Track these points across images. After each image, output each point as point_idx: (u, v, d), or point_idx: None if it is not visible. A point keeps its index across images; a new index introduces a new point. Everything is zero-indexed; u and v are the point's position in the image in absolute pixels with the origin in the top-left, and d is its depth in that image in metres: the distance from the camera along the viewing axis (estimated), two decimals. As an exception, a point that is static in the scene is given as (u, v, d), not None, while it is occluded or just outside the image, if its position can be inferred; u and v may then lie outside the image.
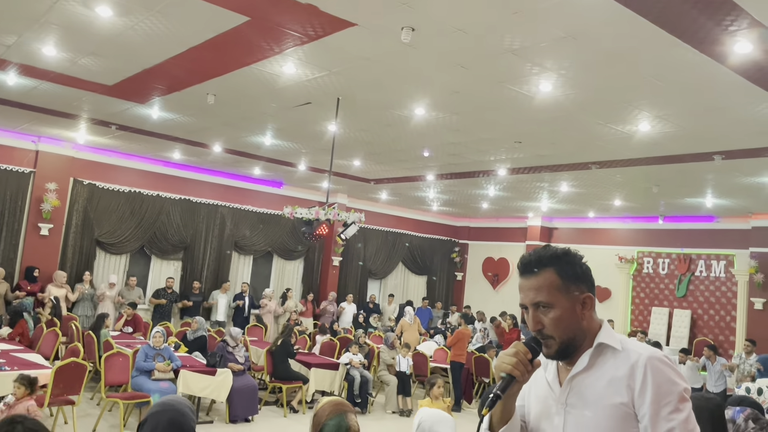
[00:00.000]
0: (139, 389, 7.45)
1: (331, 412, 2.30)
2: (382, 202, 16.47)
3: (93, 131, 10.68)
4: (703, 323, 13.32)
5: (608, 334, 1.84)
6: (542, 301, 1.84)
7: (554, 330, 1.83)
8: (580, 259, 1.90)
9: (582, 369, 1.82)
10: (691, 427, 1.70)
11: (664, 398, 1.70)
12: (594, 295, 1.88)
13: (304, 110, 7.94)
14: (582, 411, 1.80)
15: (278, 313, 13.61)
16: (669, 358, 1.79)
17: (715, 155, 8.07)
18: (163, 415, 2.18)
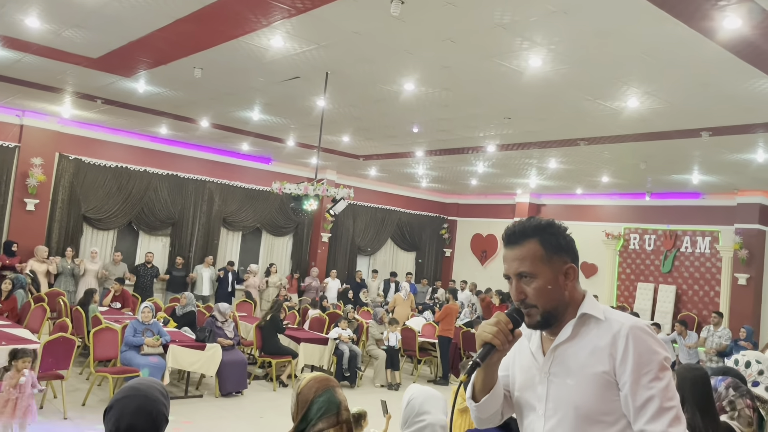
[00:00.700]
0: (129, 364, 7.48)
1: (319, 389, 2.25)
2: (371, 179, 16.45)
3: (78, 105, 10.54)
4: (687, 298, 13.51)
5: (591, 304, 1.87)
6: (525, 271, 1.86)
7: (537, 300, 1.85)
8: (564, 230, 1.91)
9: (565, 339, 1.85)
10: (670, 395, 1.73)
11: (645, 367, 1.73)
12: (577, 266, 1.90)
13: (292, 85, 7.87)
14: (564, 380, 1.83)
15: (262, 288, 13.61)
16: (651, 328, 1.83)
17: (703, 132, 8.12)
18: (130, 401, 1.98)
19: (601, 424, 1.76)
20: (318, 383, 2.27)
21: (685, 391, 3.14)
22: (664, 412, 1.69)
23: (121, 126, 12.21)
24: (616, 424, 1.76)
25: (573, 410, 1.79)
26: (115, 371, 7.37)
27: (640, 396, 1.72)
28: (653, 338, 1.78)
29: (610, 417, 1.76)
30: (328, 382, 2.30)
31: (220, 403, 7.99)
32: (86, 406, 7.14)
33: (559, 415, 1.82)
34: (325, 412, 2.18)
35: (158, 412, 2.01)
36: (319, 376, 2.32)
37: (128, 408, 1.96)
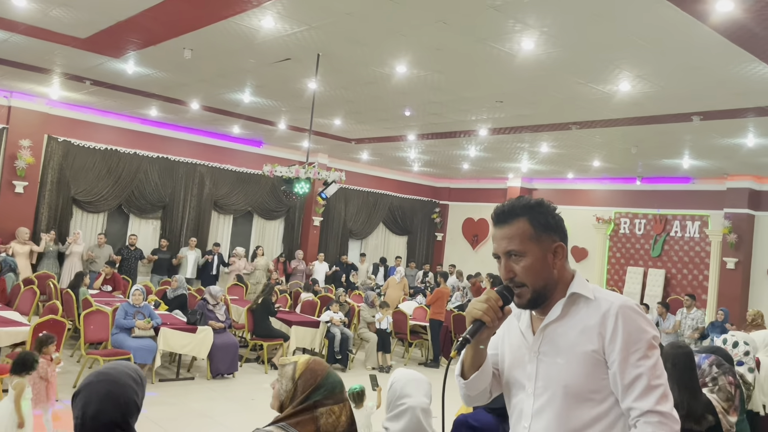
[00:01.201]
0: (120, 346, 7.47)
1: (323, 370, 2.27)
2: (363, 163, 16.41)
3: (67, 86, 10.42)
4: (676, 282, 13.63)
5: (581, 284, 1.88)
6: (514, 250, 1.86)
7: (526, 278, 1.86)
8: (553, 209, 1.92)
9: (555, 318, 1.86)
10: (658, 372, 1.75)
11: (634, 345, 1.74)
12: (566, 246, 1.91)
13: (283, 67, 7.81)
14: (554, 359, 1.84)
15: (248, 271, 13.58)
16: (640, 307, 1.84)
17: (694, 116, 8.14)
18: (98, 386, 1.92)
19: (590, 402, 1.78)
20: (321, 366, 2.29)
21: (666, 366, 3.21)
22: (652, 389, 1.71)
23: (111, 108, 12.09)
24: (605, 401, 1.78)
25: (562, 389, 1.81)
26: (106, 354, 7.36)
27: (629, 374, 1.73)
28: (642, 317, 1.79)
29: (598, 395, 1.78)
30: (326, 365, 2.33)
31: (212, 385, 8.01)
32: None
33: (548, 393, 1.83)
34: (331, 391, 2.21)
35: (128, 398, 1.94)
36: (315, 359, 2.33)
37: (96, 394, 1.90)
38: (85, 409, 1.88)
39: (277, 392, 2.26)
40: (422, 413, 2.62)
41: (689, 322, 10.65)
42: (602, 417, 1.78)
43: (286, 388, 2.24)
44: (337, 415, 2.19)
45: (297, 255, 14.85)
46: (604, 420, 1.78)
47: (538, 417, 1.85)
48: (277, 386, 2.27)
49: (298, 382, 2.22)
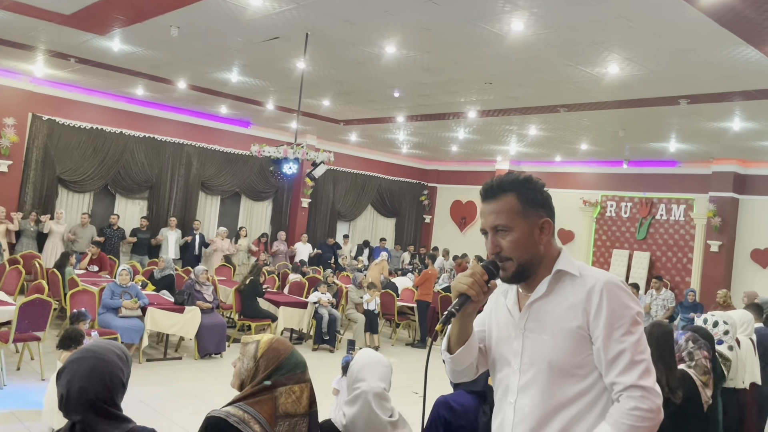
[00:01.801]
0: (107, 326, 7.45)
1: (286, 349, 2.26)
2: (351, 144, 16.36)
3: (51, 64, 10.27)
4: (661, 265, 13.78)
5: (567, 260, 1.90)
6: (501, 224, 1.89)
7: (512, 252, 1.88)
8: (541, 186, 1.94)
9: (541, 295, 1.88)
10: (641, 348, 1.78)
11: (617, 321, 1.77)
12: (553, 222, 1.92)
13: (271, 46, 7.74)
14: (540, 335, 1.86)
15: (231, 251, 13.53)
16: (624, 283, 1.86)
17: (681, 99, 8.18)
18: (82, 362, 1.89)
19: (575, 378, 1.82)
20: (284, 345, 2.27)
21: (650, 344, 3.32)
22: (635, 364, 1.75)
23: (96, 86, 11.94)
24: (589, 377, 1.81)
25: (547, 364, 1.83)
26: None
27: (612, 349, 1.76)
28: (627, 293, 1.82)
29: (582, 370, 1.81)
30: (290, 345, 2.32)
31: (199, 365, 8.03)
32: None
33: (533, 369, 1.86)
34: (292, 371, 2.20)
35: (113, 375, 1.91)
36: (279, 338, 2.31)
37: (80, 370, 1.87)
38: (69, 385, 1.86)
39: (238, 371, 2.23)
40: (374, 398, 2.56)
41: (659, 302, 10.83)
42: (586, 392, 1.81)
43: (247, 367, 2.21)
44: (298, 395, 2.18)
45: (279, 236, 14.81)
46: (588, 395, 1.81)
47: (523, 392, 1.88)
48: (239, 365, 2.23)
49: (260, 361, 2.20)
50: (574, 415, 1.81)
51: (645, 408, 1.72)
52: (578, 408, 1.81)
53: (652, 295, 11.07)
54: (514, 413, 1.89)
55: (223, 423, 2.05)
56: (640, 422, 1.72)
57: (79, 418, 1.86)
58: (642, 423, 1.72)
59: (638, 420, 1.72)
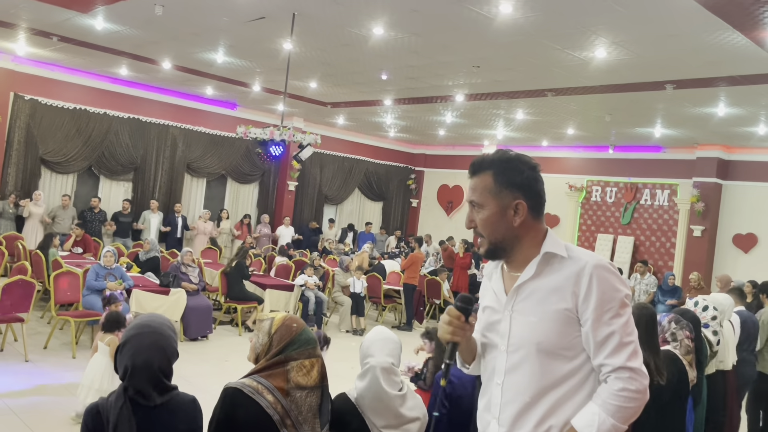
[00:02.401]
0: (91, 308, 7.40)
1: (299, 326, 2.40)
2: (338, 127, 16.29)
3: (33, 42, 10.09)
4: (644, 249, 13.92)
5: (553, 242, 1.89)
6: (474, 200, 1.93)
7: (483, 229, 1.92)
8: (523, 166, 1.92)
9: (529, 277, 1.88)
10: (629, 330, 1.80)
11: (607, 304, 1.78)
12: (532, 204, 1.90)
13: (257, 26, 7.65)
14: (527, 317, 1.87)
15: (213, 234, 13.46)
16: (613, 265, 1.86)
17: (667, 84, 8.22)
18: (143, 337, 2.10)
19: (562, 359, 1.83)
20: (296, 323, 2.42)
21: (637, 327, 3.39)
22: (623, 346, 1.77)
23: (80, 66, 11.76)
24: (576, 358, 1.83)
25: (535, 346, 1.84)
26: (77, 314, 7.31)
27: (601, 332, 1.78)
28: (616, 276, 1.83)
29: (570, 352, 1.82)
30: (302, 322, 2.47)
31: (185, 346, 7.99)
32: (48, 349, 7.09)
33: (521, 351, 1.87)
34: (303, 347, 2.35)
35: (170, 346, 2.15)
36: (292, 316, 2.46)
37: (143, 344, 2.09)
38: (134, 359, 2.06)
39: (254, 345, 2.39)
40: (382, 372, 2.65)
41: (643, 287, 10.97)
42: (574, 373, 1.83)
43: (262, 342, 2.38)
44: (308, 369, 2.33)
45: (262, 219, 14.75)
46: (576, 376, 1.83)
47: (510, 374, 1.89)
48: (254, 340, 2.39)
49: (274, 336, 2.36)
50: (562, 396, 1.83)
51: (633, 389, 1.75)
52: (566, 389, 1.83)
53: (636, 279, 11.21)
54: (502, 394, 1.91)
55: (238, 393, 2.22)
56: (627, 402, 1.75)
57: (141, 388, 2.07)
58: (629, 404, 1.75)
59: (626, 401, 1.75)
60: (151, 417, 2.09)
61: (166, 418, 2.12)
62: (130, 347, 2.08)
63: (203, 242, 12.98)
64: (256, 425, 2.19)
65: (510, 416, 1.89)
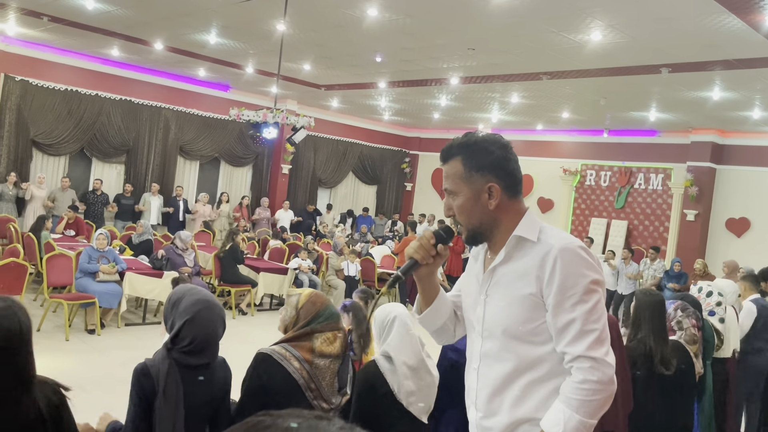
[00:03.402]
0: (84, 291, 7.38)
1: (323, 303, 2.64)
2: (333, 110, 16.19)
3: (23, 23, 9.95)
4: (638, 233, 13.97)
5: (527, 225, 1.84)
6: (448, 188, 1.90)
7: (460, 216, 1.88)
8: (495, 146, 1.86)
9: (500, 261, 1.86)
10: (594, 317, 1.72)
11: (569, 290, 1.72)
12: (509, 185, 1.86)
13: (250, 6, 7.56)
14: (498, 301, 1.85)
15: (212, 217, 13.44)
16: (585, 249, 1.78)
17: (663, 68, 8.19)
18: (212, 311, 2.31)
19: (530, 344, 1.79)
20: (320, 299, 2.66)
21: (642, 313, 3.37)
22: (584, 334, 1.70)
23: (71, 47, 11.62)
24: (546, 344, 1.78)
25: (502, 330, 1.82)
26: (70, 297, 7.29)
27: (562, 318, 1.73)
28: (582, 260, 1.75)
29: (538, 338, 1.78)
30: (326, 299, 2.72)
31: (179, 329, 8.02)
32: (41, 331, 7.07)
33: (493, 335, 1.85)
34: (328, 319, 2.60)
35: (224, 317, 2.39)
36: (317, 293, 2.71)
37: (208, 317, 2.29)
38: (206, 329, 2.27)
39: (283, 318, 2.67)
40: (407, 317, 2.99)
41: (651, 272, 10.99)
42: (544, 359, 1.79)
43: (290, 315, 2.64)
44: (331, 340, 2.57)
45: (262, 203, 14.72)
46: (548, 362, 1.78)
47: (485, 358, 1.88)
48: (284, 313, 2.67)
49: (300, 310, 2.62)
50: (533, 381, 1.80)
51: (594, 380, 1.68)
52: (537, 374, 1.79)
53: (646, 264, 11.18)
54: (477, 378, 1.90)
55: (269, 358, 2.49)
56: (590, 395, 1.68)
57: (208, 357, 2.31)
58: (593, 396, 1.68)
59: (588, 393, 1.68)
60: (191, 376, 2.29)
61: (204, 377, 2.33)
62: (194, 323, 2.25)
63: (214, 227, 12.97)
64: (283, 387, 2.44)
65: (484, 401, 1.88)
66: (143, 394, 2.21)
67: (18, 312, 1.76)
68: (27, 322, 1.76)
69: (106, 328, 7.56)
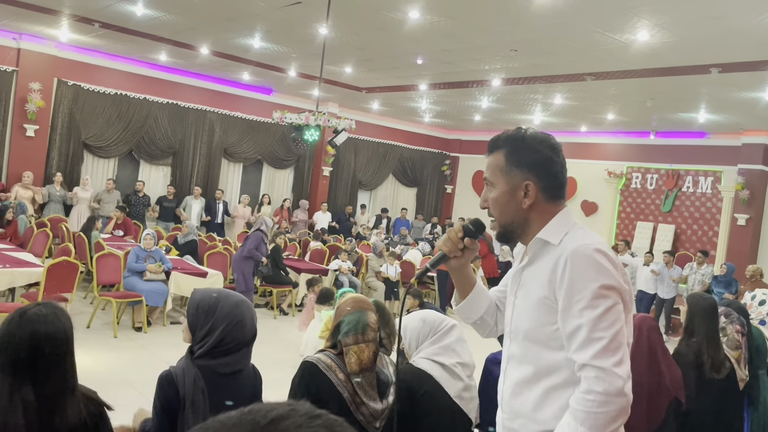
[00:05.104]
0: (132, 289, 7.59)
1: (353, 308, 2.47)
2: (373, 113, 16.25)
3: (76, 29, 10.30)
4: (686, 238, 13.59)
5: (552, 229, 1.80)
6: (487, 179, 1.89)
7: (493, 210, 1.88)
8: (543, 146, 1.82)
9: (526, 263, 1.85)
10: (603, 325, 1.62)
11: (577, 294, 1.66)
12: (547, 186, 1.81)
13: (293, 11, 7.66)
14: (522, 304, 1.84)
15: (251, 220, 13.62)
16: (602, 252, 1.70)
17: (712, 68, 7.96)
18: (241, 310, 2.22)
19: (548, 349, 1.76)
20: (353, 303, 2.51)
21: (696, 319, 3.31)
22: (591, 342, 1.62)
23: (120, 52, 11.98)
24: (562, 350, 1.72)
25: (523, 333, 1.81)
26: (118, 295, 7.50)
27: (569, 324, 1.67)
28: (594, 263, 1.67)
29: (555, 343, 1.74)
30: (362, 304, 2.52)
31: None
32: (91, 328, 7.30)
33: (517, 337, 1.85)
34: (352, 329, 2.42)
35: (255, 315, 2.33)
36: (357, 297, 2.57)
37: (244, 315, 2.22)
38: (244, 335, 2.20)
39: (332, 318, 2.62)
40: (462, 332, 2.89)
41: (698, 277, 10.65)
42: (562, 366, 1.73)
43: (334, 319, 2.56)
44: (358, 354, 2.42)
45: (301, 204, 14.86)
46: (565, 370, 1.72)
47: (510, 360, 1.88)
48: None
49: (335, 312, 2.56)
50: (550, 388, 1.75)
51: (599, 391, 1.58)
52: (554, 381, 1.75)
53: (692, 268, 10.86)
54: (504, 380, 1.90)
55: (314, 368, 2.40)
56: (596, 407, 1.58)
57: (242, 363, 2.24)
58: (599, 408, 1.58)
59: (593, 405, 1.59)
60: (221, 384, 2.19)
61: (233, 383, 2.23)
62: (244, 323, 2.20)
63: (242, 227, 13.16)
64: (329, 398, 2.33)
65: (508, 403, 1.86)
66: (167, 404, 2.15)
67: (62, 318, 1.78)
68: (70, 329, 1.78)
69: (152, 326, 7.75)
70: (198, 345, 2.19)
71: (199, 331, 2.19)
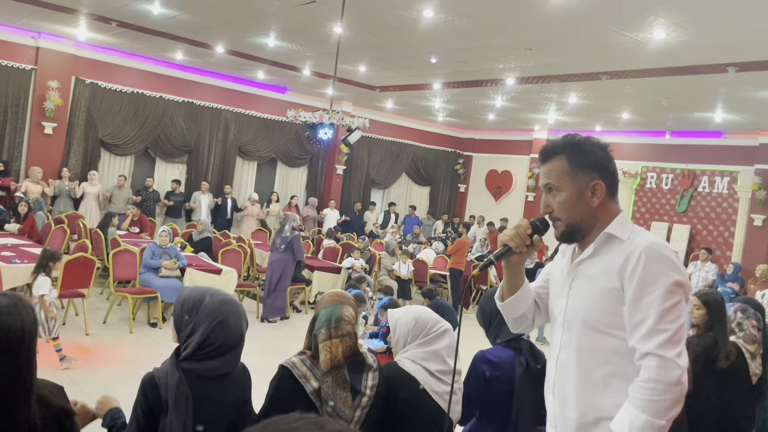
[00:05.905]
0: (147, 285, 7.67)
1: (328, 302, 2.38)
2: (387, 112, 16.28)
3: (93, 28, 10.42)
4: (701, 238, 13.48)
5: (619, 224, 1.89)
6: (551, 184, 1.93)
7: (561, 213, 1.92)
8: (596, 148, 1.93)
9: (587, 256, 1.91)
10: (670, 318, 1.71)
11: (649, 287, 1.74)
12: (609, 184, 1.91)
13: (308, 10, 7.70)
14: (580, 293, 1.90)
15: (261, 216, 13.68)
16: (672, 251, 1.81)
17: (729, 67, 7.89)
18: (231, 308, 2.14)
19: (609, 337, 1.83)
20: (330, 298, 2.41)
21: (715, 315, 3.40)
22: (657, 332, 1.70)
23: (137, 50, 12.09)
24: (622, 339, 1.81)
25: (582, 321, 1.87)
26: (134, 291, 7.59)
27: (637, 314, 1.75)
28: (668, 260, 1.77)
29: (617, 330, 1.81)
30: (339, 298, 2.40)
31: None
32: (107, 323, 7.40)
33: (573, 326, 1.91)
34: (324, 323, 2.31)
35: (247, 320, 2.24)
36: (335, 291, 2.46)
37: (234, 316, 2.14)
38: (228, 336, 2.10)
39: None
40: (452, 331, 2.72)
41: (703, 274, 10.62)
42: (621, 354, 1.81)
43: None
44: (331, 349, 2.28)
45: (310, 202, 14.91)
46: (623, 357, 1.80)
47: (565, 348, 1.94)
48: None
49: (315, 308, 2.44)
50: (608, 375, 1.83)
51: (659, 379, 1.67)
52: (612, 368, 1.82)
53: (696, 266, 10.82)
54: (556, 368, 1.96)
55: (290, 375, 2.26)
56: (656, 395, 1.66)
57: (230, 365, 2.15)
58: (659, 396, 1.66)
59: (653, 393, 1.67)
60: (206, 387, 2.10)
61: (220, 387, 2.15)
62: (224, 323, 2.09)
63: (251, 224, 13.23)
64: (302, 406, 2.22)
65: (562, 390, 1.93)
66: (148, 407, 2.05)
67: (22, 311, 1.65)
68: (31, 323, 1.65)
69: (167, 321, 7.83)
70: (183, 345, 2.12)
71: (183, 330, 2.11)
